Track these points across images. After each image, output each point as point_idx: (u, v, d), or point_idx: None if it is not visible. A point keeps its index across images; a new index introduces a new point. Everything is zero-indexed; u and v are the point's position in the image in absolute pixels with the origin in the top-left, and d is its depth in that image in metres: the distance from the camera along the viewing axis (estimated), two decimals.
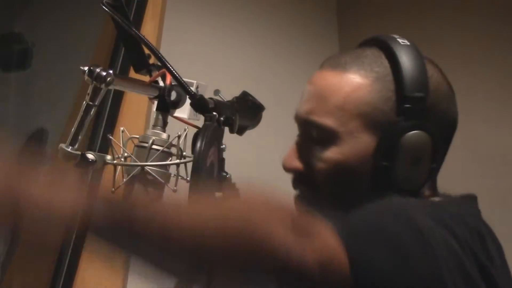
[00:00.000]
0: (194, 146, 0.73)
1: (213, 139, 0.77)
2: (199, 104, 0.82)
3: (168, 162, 0.79)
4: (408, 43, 0.70)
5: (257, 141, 1.53)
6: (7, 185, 0.49)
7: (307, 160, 0.73)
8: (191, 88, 0.82)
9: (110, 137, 0.79)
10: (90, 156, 0.75)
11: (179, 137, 0.79)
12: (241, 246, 0.52)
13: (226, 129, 1.11)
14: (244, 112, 1.27)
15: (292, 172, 0.76)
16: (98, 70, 0.71)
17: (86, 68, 0.71)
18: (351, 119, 0.69)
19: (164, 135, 0.81)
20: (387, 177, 0.67)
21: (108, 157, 0.78)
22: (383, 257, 0.56)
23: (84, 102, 0.73)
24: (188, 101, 0.83)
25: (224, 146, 1.20)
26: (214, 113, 0.82)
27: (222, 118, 1.02)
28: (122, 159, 0.80)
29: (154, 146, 0.78)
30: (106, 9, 0.79)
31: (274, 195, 0.56)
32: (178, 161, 0.79)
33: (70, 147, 0.73)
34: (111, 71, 0.72)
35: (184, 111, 1.02)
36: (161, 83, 0.83)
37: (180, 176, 0.80)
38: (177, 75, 0.79)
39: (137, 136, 0.81)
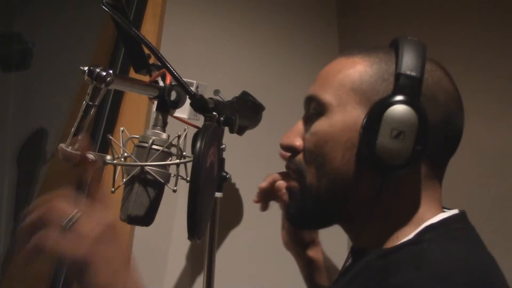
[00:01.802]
0: (194, 146, 0.73)
1: (213, 139, 0.77)
2: (199, 104, 0.82)
3: (168, 162, 0.79)
4: (416, 39, 0.73)
5: (257, 141, 1.53)
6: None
7: (302, 138, 0.77)
8: (191, 88, 0.82)
9: (110, 137, 0.79)
10: (90, 156, 0.74)
11: (179, 137, 0.79)
12: None
13: (226, 129, 1.11)
14: (244, 112, 1.27)
15: (288, 150, 0.78)
16: (98, 70, 0.71)
17: (86, 68, 0.71)
18: (347, 94, 0.72)
19: (164, 135, 0.81)
20: (369, 150, 0.67)
21: (108, 157, 0.78)
22: None
23: (84, 102, 0.72)
24: (188, 101, 0.83)
25: (224, 146, 1.20)
26: (214, 113, 0.82)
27: (222, 118, 1.02)
28: (122, 159, 0.80)
29: (154, 146, 0.78)
30: (106, 9, 0.79)
31: None
32: (178, 161, 0.79)
33: (70, 147, 0.73)
34: (111, 71, 0.71)
35: (184, 111, 1.02)
36: (161, 83, 0.84)
37: (180, 176, 0.80)
38: (177, 75, 0.79)
39: (137, 136, 0.81)
